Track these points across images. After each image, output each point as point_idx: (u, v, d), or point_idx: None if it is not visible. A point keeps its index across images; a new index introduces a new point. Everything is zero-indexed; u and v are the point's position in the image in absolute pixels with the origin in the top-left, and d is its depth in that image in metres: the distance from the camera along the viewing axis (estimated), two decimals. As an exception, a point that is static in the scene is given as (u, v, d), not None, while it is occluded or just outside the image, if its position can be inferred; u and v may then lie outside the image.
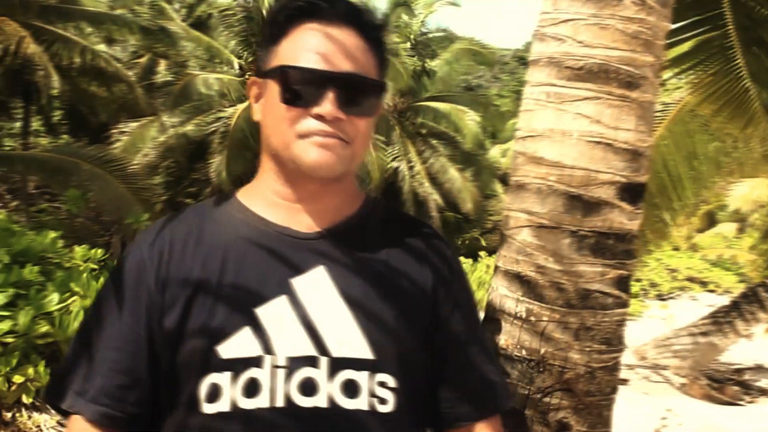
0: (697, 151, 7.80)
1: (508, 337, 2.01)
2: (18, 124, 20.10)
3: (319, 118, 1.39)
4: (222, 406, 1.36)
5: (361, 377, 1.41)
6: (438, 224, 25.60)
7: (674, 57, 5.87)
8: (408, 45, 24.08)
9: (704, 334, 11.46)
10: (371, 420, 1.40)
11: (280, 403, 1.35)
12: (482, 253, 23.59)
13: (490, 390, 1.61)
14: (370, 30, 1.49)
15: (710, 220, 33.36)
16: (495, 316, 2.07)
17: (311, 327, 1.40)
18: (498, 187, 28.42)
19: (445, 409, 1.57)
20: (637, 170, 1.98)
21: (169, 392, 1.43)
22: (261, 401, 1.35)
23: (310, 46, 1.42)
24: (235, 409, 1.35)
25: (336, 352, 1.40)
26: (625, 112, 1.96)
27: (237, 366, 1.37)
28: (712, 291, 23.55)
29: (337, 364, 1.40)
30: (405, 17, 26.58)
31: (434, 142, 25.65)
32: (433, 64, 25.30)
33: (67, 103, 20.26)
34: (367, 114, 1.46)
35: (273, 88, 1.44)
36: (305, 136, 1.40)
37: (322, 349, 1.40)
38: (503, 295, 2.05)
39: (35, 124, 21.36)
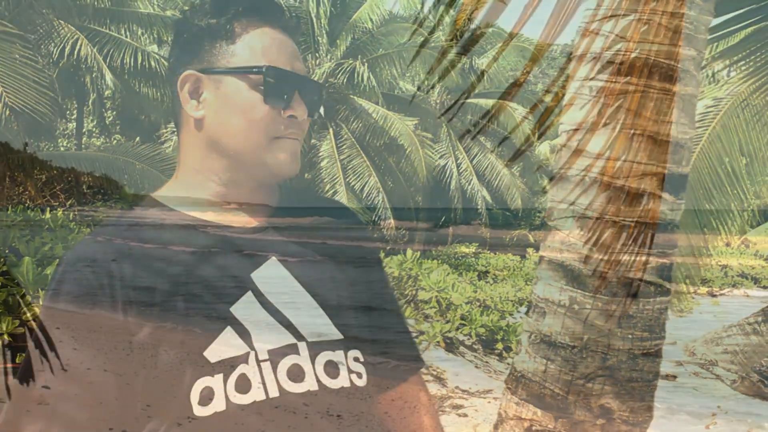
0: (752, 145, 7.70)
1: (551, 324, 2.06)
2: (72, 125, 20.48)
3: (291, 119, 1.47)
4: (217, 406, 1.37)
5: (338, 356, 1.47)
6: (486, 221, 25.56)
7: (726, 48, 5.80)
8: (454, 42, 24.06)
9: (756, 330, 11.29)
10: (354, 395, 1.46)
11: (274, 393, 1.38)
12: (530, 250, 23.41)
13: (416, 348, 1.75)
14: (299, 39, 1.60)
15: (763, 215, 32.72)
16: (539, 304, 2.12)
17: (282, 317, 1.46)
18: (546, 183, 28.28)
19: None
20: (679, 162, 2.02)
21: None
22: (256, 395, 1.38)
23: (276, 49, 1.49)
24: (232, 407, 1.37)
25: (311, 336, 1.46)
26: (666, 104, 1.99)
27: (227, 366, 1.39)
28: (765, 287, 23.07)
29: (315, 348, 1.45)
30: (451, 13, 26.55)
31: (482, 138, 25.59)
32: (480, 61, 25.20)
33: (119, 103, 20.57)
34: (312, 116, 1.55)
35: (237, 86, 1.46)
36: (278, 138, 1.47)
37: (298, 336, 1.45)
38: (547, 283, 2.10)
39: (89, 124, 21.73)
